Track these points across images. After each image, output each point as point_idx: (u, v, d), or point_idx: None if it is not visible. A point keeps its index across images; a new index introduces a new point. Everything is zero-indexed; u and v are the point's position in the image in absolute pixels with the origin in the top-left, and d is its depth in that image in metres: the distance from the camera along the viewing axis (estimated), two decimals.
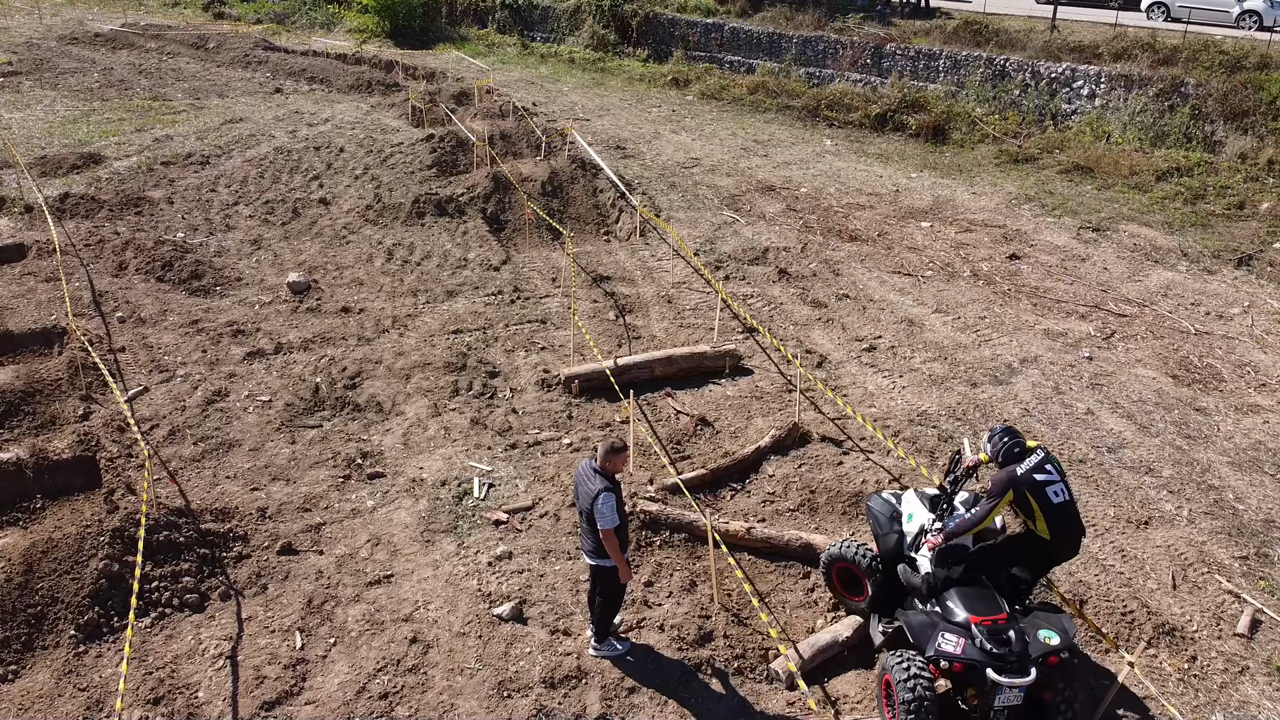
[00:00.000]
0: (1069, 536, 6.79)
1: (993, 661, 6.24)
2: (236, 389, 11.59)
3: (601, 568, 7.25)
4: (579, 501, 7.15)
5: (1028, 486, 6.70)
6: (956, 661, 6.28)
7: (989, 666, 6.22)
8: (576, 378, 11.63)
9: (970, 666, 6.27)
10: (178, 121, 23.68)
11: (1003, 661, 6.24)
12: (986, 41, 27.82)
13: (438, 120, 24.23)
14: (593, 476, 7.03)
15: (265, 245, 16.16)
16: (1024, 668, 6.25)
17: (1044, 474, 6.76)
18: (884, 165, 21.49)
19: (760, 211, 17.98)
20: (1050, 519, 6.68)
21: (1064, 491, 6.77)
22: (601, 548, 7.09)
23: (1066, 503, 6.77)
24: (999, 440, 6.95)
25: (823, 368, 12.27)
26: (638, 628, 7.89)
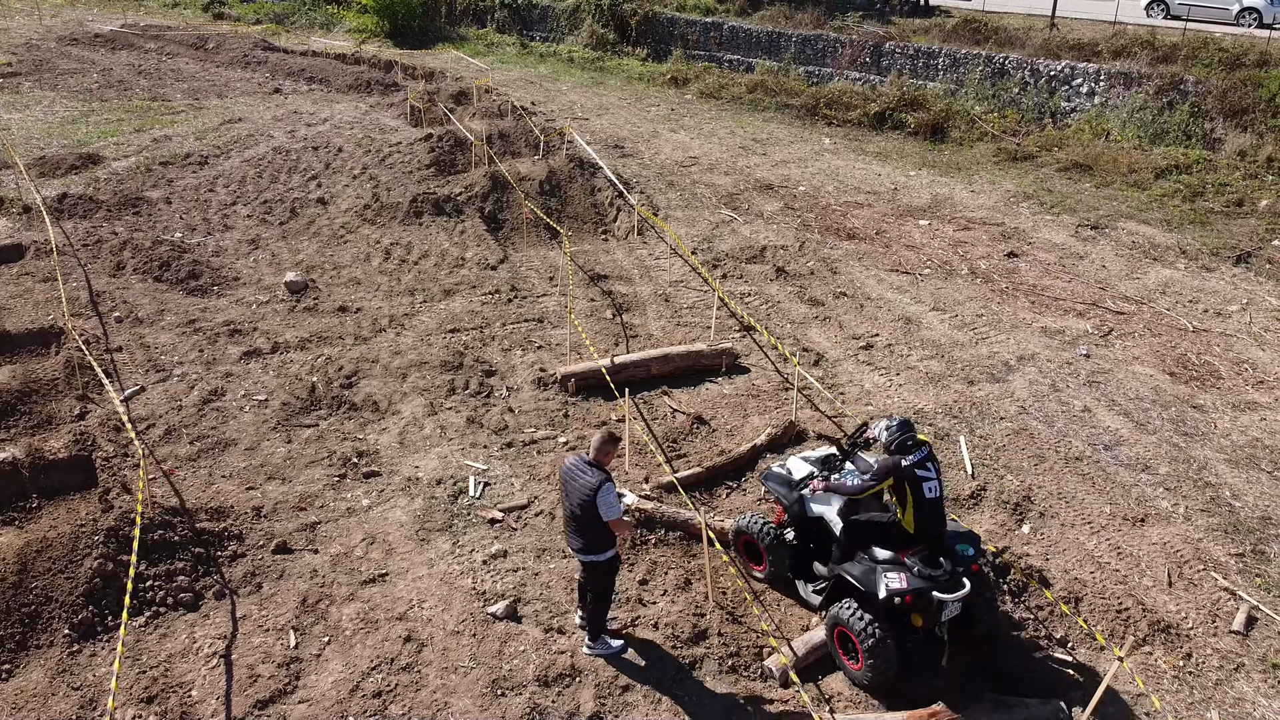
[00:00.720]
0: (932, 529, 7.29)
1: (935, 584, 6.92)
2: (233, 388, 11.58)
3: (594, 563, 7.26)
4: (570, 498, 7.15)
5: (908, 477, 7.24)
6: (907, 594, 6.88)
7: (933, 589, 6.90)
8: (573, 376, 11.62)
9: (919, 594, 6.89)
10: (176, 122, 23.70)
11: (940, 581, 6.95)
12: (986, 39, 27.80)
13: (436, 120, 24.24)
14: (587, 470, 7.06)
15: (263, 245, 16.16)
16: (959, 582, 7.02)
17: (924, 470, 7.28)
18: (882, 164, 21.47)
19: (758, 210, 17.97)
20: (919, 511, 7.24)
21: (937, 489, 7.31)
22: (593, 544, 7.15)
23: (937, 499, 7.30)
24: (895, 432, 7.44)
25: (820, 366, 12.26)
26: (632, 625, 7.88)
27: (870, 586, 7.01)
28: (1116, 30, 26.78)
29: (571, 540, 7.35)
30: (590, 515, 7.02)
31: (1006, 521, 9.15)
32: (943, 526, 7.38)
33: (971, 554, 7.28)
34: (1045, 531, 9.05)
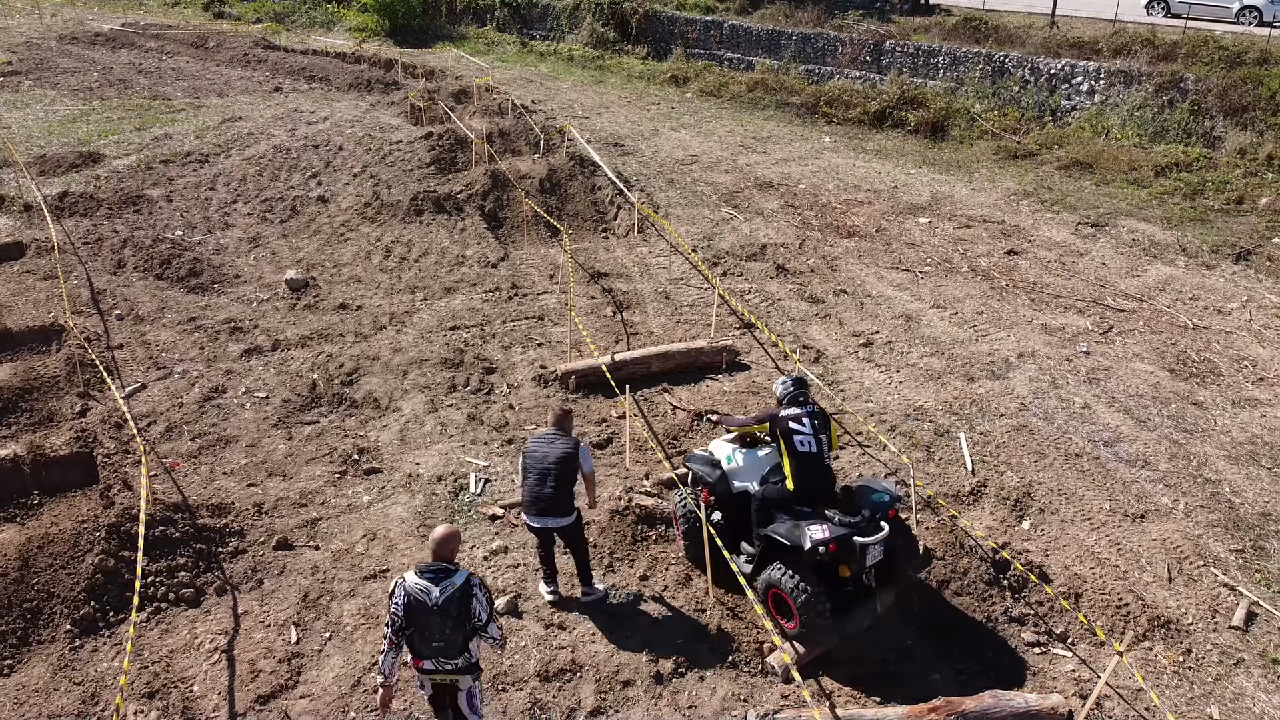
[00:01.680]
0: (810, 486, 7.61)
1: (855, 530, 7.30)
2: (234, 386, 11.60)
3: (566, 526, 7.67)
4: (540, 464, 7.53)
5: (780, 426, 7.70)
6: (830, 543, 7.16)
7: (854, 535, 7.25)
8: (573, 373, 11.64)
9: (842, 542, 7.21)
10: (177, 120, 23.70)
11: (859, 527, 7.34)
12: (986, 38, 27.79)
13: (436, 118, 24.24)
14: (557, 437, 7.59)
15: (263, 243, 16.18)
16: (878, 525, 7.38)
17: (799, 424, 7.67)
18: (883, 162, 21.47)
19: (758, 208, 17.98)
20: (795, 466, 7.60)
21: (811, 444, 7.63)
22: (566, 506, 7.57)
23: (811, 455, 7.61)
24: (787, 386, 7.99)
25: (820, 363, 12.27)
26: (632, 620, 7.89)
27: (795, 540, 7.24)
28: (1117, 28, 26.78)
29: (543, 511, 7.55)
30: (569, 475, 7.49)
31: (1007, 518, 9.16)
32: (825, 485, 7.70)
33: (887, 500, 7.58)
34: (1045, 528, 9.06)
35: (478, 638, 6.01)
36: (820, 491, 7.68)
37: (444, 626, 5.84)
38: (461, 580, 5.89)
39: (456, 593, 5.83)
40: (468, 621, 5.88)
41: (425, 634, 5.88)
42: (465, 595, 5.85)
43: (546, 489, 7.47)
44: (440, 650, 5.93)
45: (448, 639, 5.88)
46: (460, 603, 5.84)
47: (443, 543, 6.02)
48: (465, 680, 6.14)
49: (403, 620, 5.86)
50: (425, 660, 6.01)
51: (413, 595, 5.83)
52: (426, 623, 5.84)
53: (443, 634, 5.85)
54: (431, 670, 6.06)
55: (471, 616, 5.88)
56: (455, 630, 5.86)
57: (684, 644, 7.66)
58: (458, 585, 5.86)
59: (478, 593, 5.92)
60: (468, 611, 5.86)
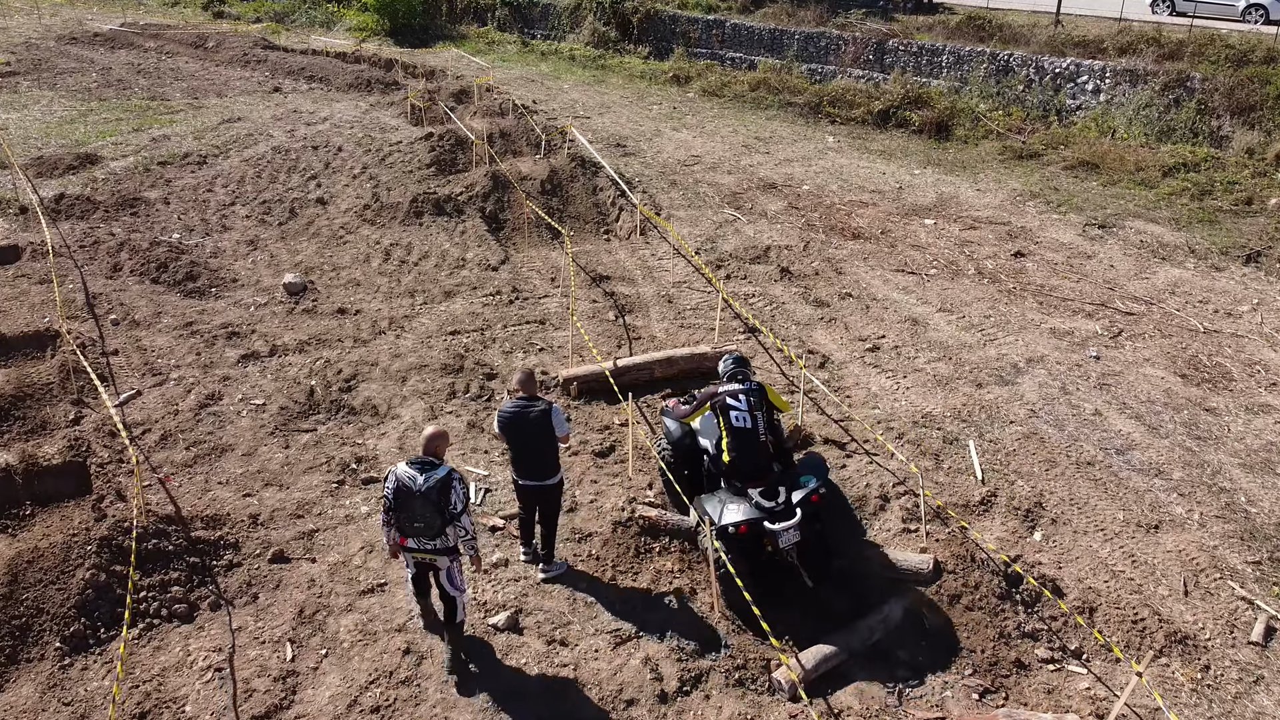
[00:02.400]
0: (745, 462, 8.06)
1: (765, 515, 7.66)
2: (230, 392, 11.42)
3: (553, 485, 7.98)
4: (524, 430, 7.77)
5: (718, 403, 8.24)
6: (741, 525, 7.67)
7: (764, 520, 7.64)
8: (575, 380, 11.45)
9: (751, 524, 7.66)
10: (175, 121, 23.53)
11: (773, 513, 7.68)
12: (990, 37, 27.58)
13: (437, 119, 24.05)
14: (531, 403, 7.82)
15: (261, 246, 15.99)
16: (790, 512, 7.71)
17: (734, 400, 8.17)
18: (887, 162, 21.27)
19: (762, 209, 17.78)
20: (730, 439, 8.09)
21: (746, 420, 8.09)
22: (553, 466, 7.92)
23: (746, 430, 8.07)
24: (728, 365, 8.58)
25: (825, 368, 12.08)
26: (636, 637, 7.71)
27: (712, 518, 7.76)
28: (1122, 27, 26.58)
29: (532, 474, 7.91)
30: (549, 438, 7.76)
31: (1018, 529, 8.96)
32: (759, 456, 8.09)
33: (813, 485, 7.86)
34: (1058, 539, 8.86)
35: (454, 525, 6.90)
36: (755, 465, 8.09)
37: (425, 510, 6.80)
38: (444, 472, 6.85)
39: (438, 483, 6.80)
40: (446, 508, 6.82)
41: (409, 515, 6.86)
42: (445, 485, 6.82)
43: (534, 454, 7.86)
44: (421, 531, 6.89)
45: (427, 521, 6.83)
46: (441, 491, 6.80)
47: (431, 439, 7.05)
48: (443, 560, 7.07)
49: (391, 501, 6.90)
50: (409, 539, 6.99)
51: (401, 481, 6.85)
52: (410, 506, 6.83)
53: (423, 517, 6.81)
54: (414, 549, 7.04)
55: (449, 505, 6.83)
56: (435, 515, 6.80)
57: (689, 661, 7.47)
58: (440, 476, 6.82)
59: (456, 485, 6.88)
60: (447, 500, 6.82)
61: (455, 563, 7.09)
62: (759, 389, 8.34)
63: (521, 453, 7.94)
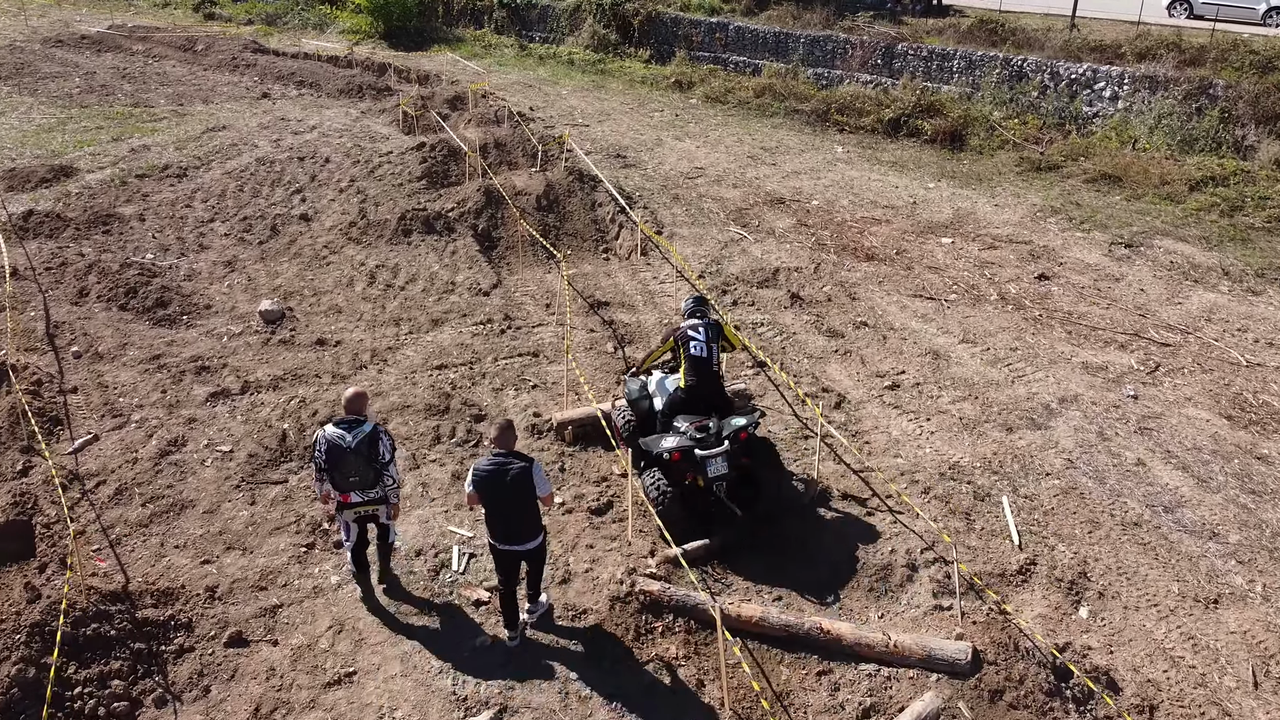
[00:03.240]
0: (701, 385, 9.11)
1: (696, 443, 8.57)
2: (195, 437, 10.51)
3: (535, 549, 7.54)
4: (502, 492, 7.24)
5: (680, 337, 9.28)
6: (674, 451, 8.54)
7: (695, 447, 8.54)
8: (569, 424, 10.53)
9: (684, 452, 8.53)
10: (158, 130, 22.60)
11: (704, 442, 8.58)
12: (1003, 41, 26.68)
13: (429, 127, 23.13)
14: (509, 459, 7.28)
15: (239, 267, 15.08)
16: (720, 441, 8.59)
17: (695, 333, 9.22)
18: (899, 174, 20.34)
19: (769, 227, 16.86)
20: (688, 366, 9.13)
21: (703, 350, 9.16)
22: (534, 529, 7.45)
23: (702, 358, 9.14)
24: (689, 304, 9.74)
25: (841, 409, 11.16)
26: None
27: (650, 448, 8.74)
28: (1140, 31, 25.64)
29: (510, 537, 7.44)
30: (528, 498, 7.31)
31: (1061, 604, 8.05)
32: (712, 384, 9.18)
33: (743, 424, 8.71)
34: (1107, 616, 7.95)
35: (384, 474, 7.63)
36: (708, 390, 9.16)
37: (358, 464, 7.52)
38: (370, 428, 7.59)
39: (366, 437, 7.52)
40: (375, 460, 7.56)
41: (343, 472, 7.54)
42: (373, 439, 7.55)
43: (513, 516, 7.40)
44: (357, 484, 7.61)
45: (361, 474, 7.57)
46: (369, 445, 7.53)
47: (353, 399, 7.72)
48: (382, 510, 7.90)
49: (324, 461, 7.53)
50: (351, 494, 7.66)
51: (332, 441, 7.50)
52: (344, 462, 7.51)
53: (358, 471, 7.54)
54: (357, 502, 7.73)
55: (379, 456, 7.58)
56: (367, 467, 7.55)
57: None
58: (367, 432, 7.55)
59: (382, 438, 7.64)
60: (375, 452, 7.55)
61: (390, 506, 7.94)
62: (716, 325, 9.49)
63: (498, 514, 7.38)
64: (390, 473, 7.67)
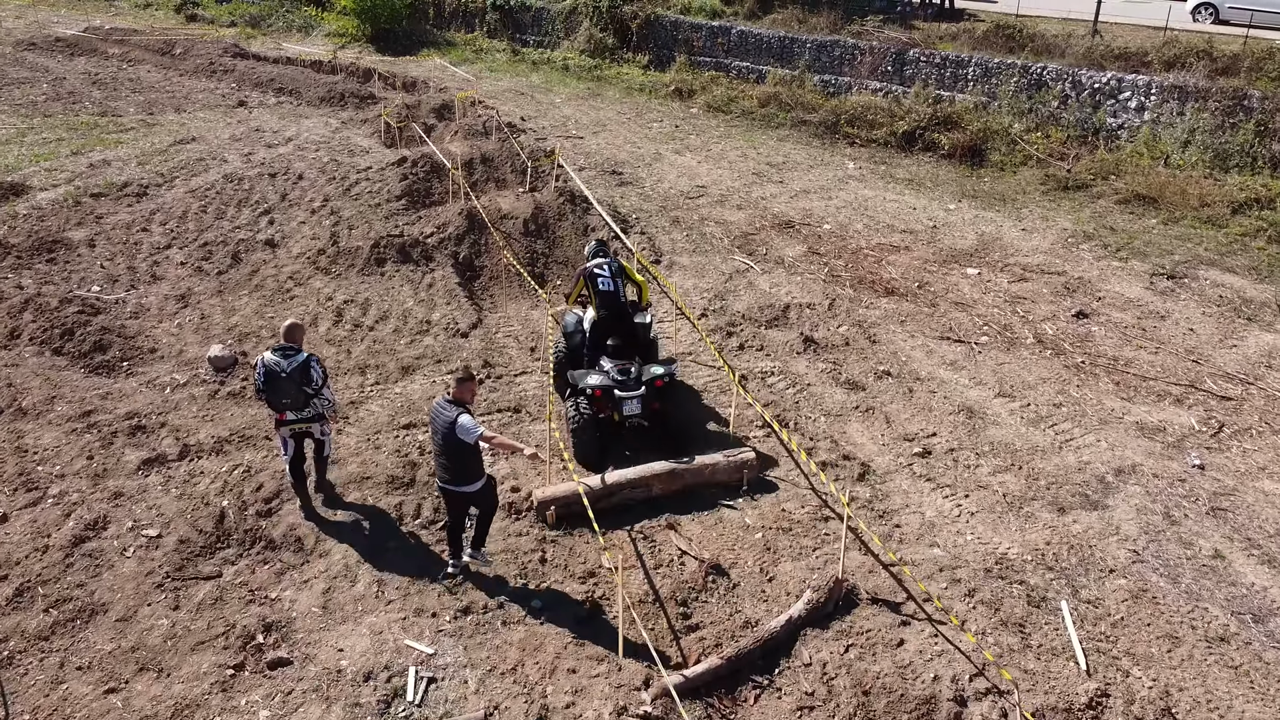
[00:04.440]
0: (611, 317, 10.34)
1: (616, 384, 9.66)
2: (120, 517, 9.07)
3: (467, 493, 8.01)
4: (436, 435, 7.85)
5: (589, 275, 10.54)
6: (596, 388, 9.66)
7: (615, 387, 9.64)
8: (552, 503, 9.10)
9: (605, 390, 9.65)
10: (123, 142, 21.14)
11: (624, 384, 9.67)
12: (1020, 47, 25.24)
13: (413, 139, 21.70)
14: (448, 408, 7.75)
15: (193, 302, 13.64)
16: (637, 386, 9.67)
17: (600, 270, 10.47)
18: (916, 193, 18.90)
19: (778, 255, 15.41)
20: (599, 302, 10.39)
21: (610, 284, 10.41)
22: (467, 471, 7.90)
23: (609, 292, 10.38)
24: (592, 247, 11.10)
25: (866, 481, 9.73)
26: None
27: (576, 382, 9.84)
28: (1168, 38, 24.18)
29: (447, 479, 7.98)
30: (456, 447, 7.71)
31: None
32: (621, 314, 10.40)
33: (659, 373, 9.80)
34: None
35: (317, 399, 8.58)
36: (617, 320, 10.37)
37: (291, 389, 8.40)
38: (303, 358, 8.45)
39: (299, 366, 8.39)
40: (308, 385, 8.46)
41: (278, 394, 8.41)
42: (305, 368, 8.44)
43: (443, 458, 7.91)
44: (290, 405, 8.50)
45: (294, 397, 8.46)
46: (302, 372, 8.41)
47: (290, 331, 8.61)
48: (316, 427, 8.84)
49: (262, 383, 8.37)
50: (288, 414, 8.57)
51: (269, 367, 8.34)
52: (280, 386, 8.37)
53: (290, 394, 8.43)
54: (292, 420, 8.63)
55: (311, 381, 8.47)
56: (299, 391, 8.44)
57: None
58: (300, 361, 8.41)
59: (314, 366, 8.53)
60: (308, 378, 8.45)
61: (326, 429, 8.98)
62: (618, 264, 10.80)
63: (437, 456, 8.02)
64: (324, 395, 8.70)
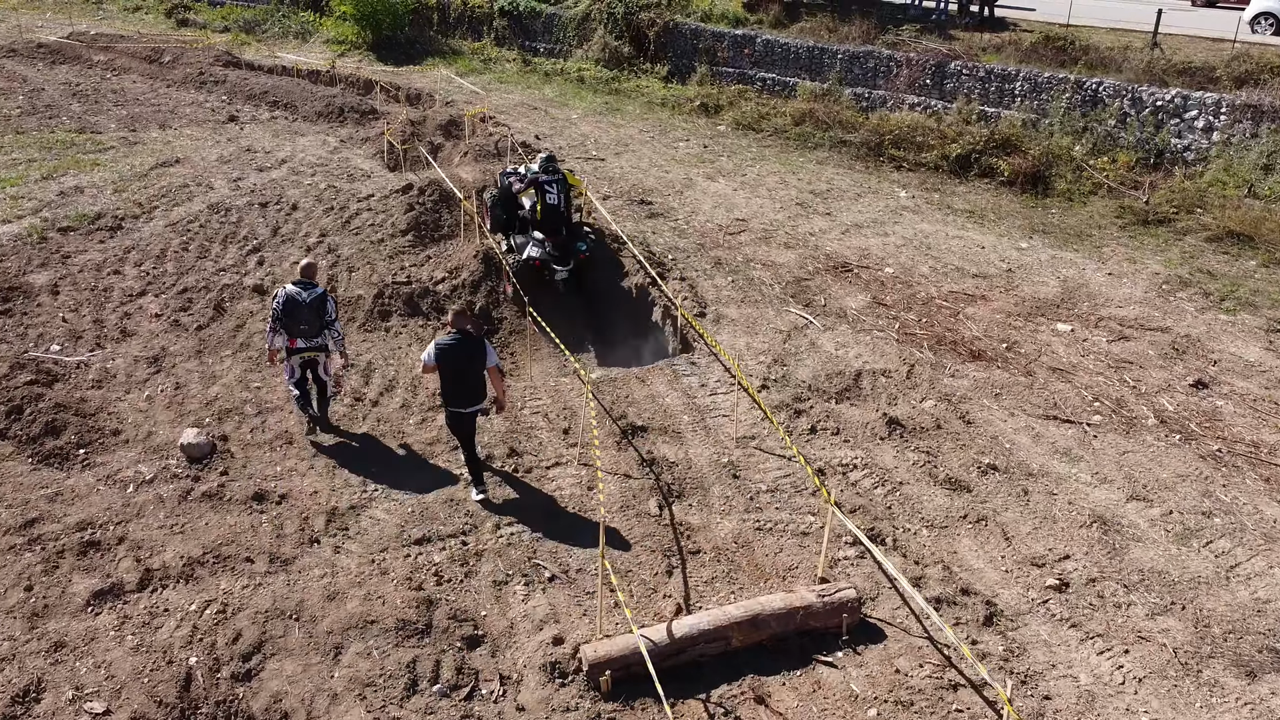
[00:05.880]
0: (550, 223, 13.28)
1: (552, 259, 13.15)
2: (59, 680, 7.15)
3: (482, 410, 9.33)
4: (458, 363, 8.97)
5: (536, 185, 13.30)
6: (536, 260, 13.12)
7: (552, 262, 13.14)
8: (607, 665, 7.17)
9: (544, 262, 13.10)
10: (100, 164, 19.20)
11: (558, 260, 13.18)
12: (1073, 61, 23.34)
13: (419, 160, 19.78)
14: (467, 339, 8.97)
15: (167, 366, 11.72)
16: (566, 261, 13.24)
17: (549, 187, 13.23)
18: (980, 228, 16.99)
19: (838, 306, 13.50)
20: (543, 211, 13.24)
21: (556, 199, 13.24)
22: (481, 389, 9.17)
23: (553, 206, 13.22)
24: (543, 162, 13.51)
25: (994, 626, 7.81)
26: None
27: (521, 251, 13.38)
28: (1238, 52, 22.28)
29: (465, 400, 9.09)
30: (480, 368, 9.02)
31: None
32: (560, 224, 13.30)
33: (583, 249, 13.38)
34: None
35: (328, 330, 9.87)
36: (557, 227, 13.23)
37: (309, 316, 9.70)
38: (321, 291, 9.82)
39: (318, 298, 9.73)
40: (323, 315, 9.77)
41: (296, 320, 9.68)
42: (323, 299, 9.78)
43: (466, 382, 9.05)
44: (305, 332, 9.76)
45: (310, 324, 9.73)
46: (320, 303, 9.74)
47: (307, 268, 10.00)
48: (321, 356, 10.01)
49: (281, 310, 9.64)
50: (298, 339, 9.78)
51: (291, 296, 9.65)
52: (299, 313, 9.67)
53: (308, 320, 9.70)
54: (302, 348, 9.85)
55: (326, 313, 9.81)
56: (315, 320, 9.72)
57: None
58: (318, 294, 9.77)
59: (330, 300, 9.89)
60: (324, 309, 9.78)
61: (328, 358, 10.05)
62: (564, 179, 13.45)
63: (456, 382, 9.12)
64: (334, 329, 9.88)
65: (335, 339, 9.92)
